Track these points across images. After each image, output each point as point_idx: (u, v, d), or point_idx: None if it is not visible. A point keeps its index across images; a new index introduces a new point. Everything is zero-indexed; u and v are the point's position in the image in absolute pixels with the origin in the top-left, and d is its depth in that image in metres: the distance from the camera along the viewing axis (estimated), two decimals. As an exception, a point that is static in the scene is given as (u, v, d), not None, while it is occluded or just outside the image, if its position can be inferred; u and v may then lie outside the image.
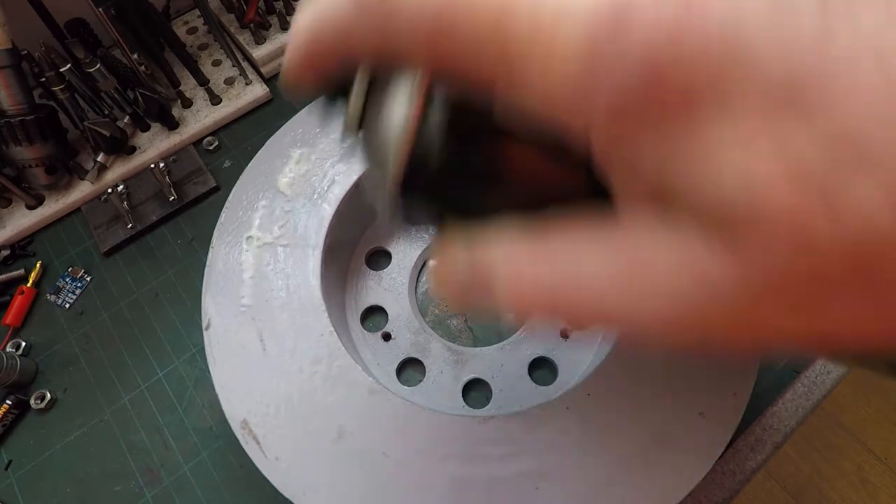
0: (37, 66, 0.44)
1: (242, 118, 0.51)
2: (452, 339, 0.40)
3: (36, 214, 0.47)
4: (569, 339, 0.39)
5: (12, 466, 0.38)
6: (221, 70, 0.53)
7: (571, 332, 0.39)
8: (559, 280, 0.12)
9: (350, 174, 0.39)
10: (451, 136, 0.14)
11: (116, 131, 0.46)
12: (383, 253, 0.43)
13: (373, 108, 0.14)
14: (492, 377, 0.38)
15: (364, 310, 0.41)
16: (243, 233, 0.37)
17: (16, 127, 0.42)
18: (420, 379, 0.38)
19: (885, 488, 1.03)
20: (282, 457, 0.30)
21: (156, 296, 0.44)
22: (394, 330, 0.40)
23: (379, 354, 0.39)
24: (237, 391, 0.32)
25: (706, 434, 0.30)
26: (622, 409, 0.31)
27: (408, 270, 0.42)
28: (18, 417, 0.39)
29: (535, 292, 0.13)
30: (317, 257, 0.36)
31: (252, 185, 0.39)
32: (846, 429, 1.08)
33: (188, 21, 0.56)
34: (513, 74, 0.11)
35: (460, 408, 0.37)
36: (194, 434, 0.38)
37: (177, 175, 0.47)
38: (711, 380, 0.31)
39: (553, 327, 0.38)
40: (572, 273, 0.12)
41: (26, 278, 0.44)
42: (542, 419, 0.31)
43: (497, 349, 0.39)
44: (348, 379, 0.32)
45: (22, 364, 0.40)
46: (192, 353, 0.41)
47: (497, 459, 0.30)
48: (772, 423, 0.37)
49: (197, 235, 0.46)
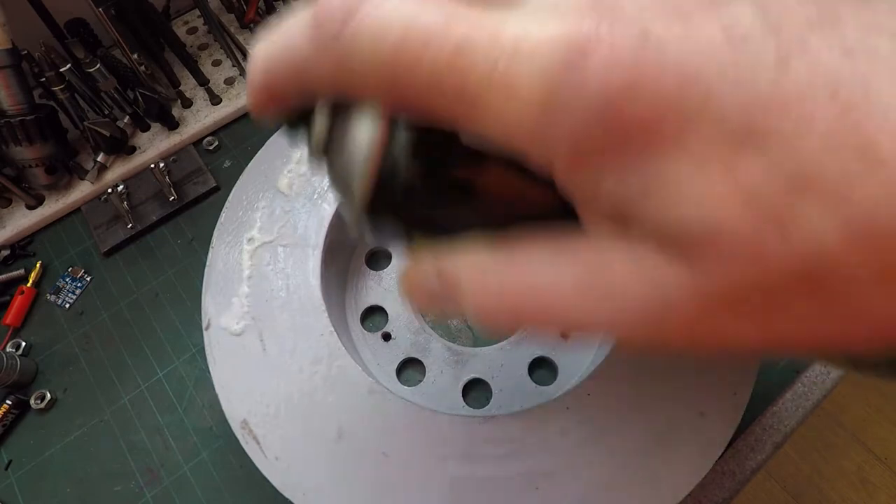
0: (37, 66, 0.44)
1: (242, 118, 0.51)
2: (452, 339, 0.40)
3: (36, 214, 0.47)
4: (569, 339, 0.39)
5: (12, 466, 0.38)
6: (221, 70, 0.53)
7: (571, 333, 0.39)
8: (523, 289, 0.13)
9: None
10: (416, 158, 0.14)
11: (116, 131, 0.46)
12: (383, 253, 0.43)
13: (337, 131, 0.14)
14: (492, 377, 0.38)
15: (364, 310, 0.41)
16: (243, 233, 0.37)
17: (16, 127, 0.42)
18: (420, 379, 0.38)
19: (885, 488, 1.03)
20: (282, 457, 0.30)
21: (156, 296, 0.44)
22: (394, 330, 0.40)
23: (379, 354, 0.39)
24: (237, 391, 0.32)
25: (706, 434, 0.30)
26: (622, 410, 0.31)
27: (408, 270, 0.42)
28: (18, 417, 0.39)
29: (499, 300, 0.13)
30: (317, 257, 0.36)
31: (252, 185, 0.39)
32: (846, 429, 1.08)
33: (188, 21, 0.56)
34: (472, 112, 0.12)
35: (460, 408, 0.37)
36: (194, 434, 0.38)
37: (177, 175, 0.47)
38: (711, 380, 0.31)
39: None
40: (535, 283, 0.13)
41: (26, 278, 0.44)
42: (542, 419, 0.31)
43: (497, 349, 0.39)
44: (348, 379, 0.32)
45: (22, 364, 0.40)
46: (192, 353, 0.41)
47: (497, 459, 0.30)
48: (772, 423, 0.37)
49: (197, 235, 0.46)
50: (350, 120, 0.14)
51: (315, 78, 0.13)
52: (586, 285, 0.12)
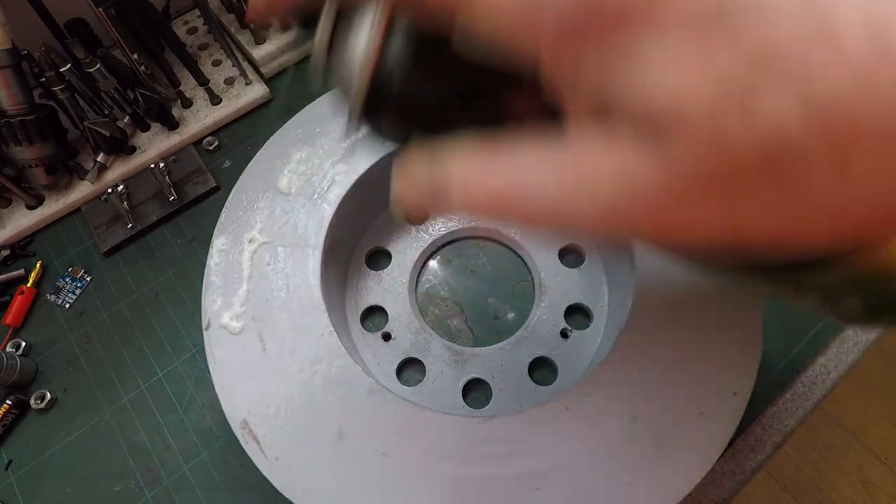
0: (37, 66, 0.44)
1: (242, 118, 0.51)
2: (452, 339, 0.40)
3: (36, 214, 0.47)
4: (569, 338, 0.39)
5: (12, 466, 0.38)
6: (221, 70, 0.53)
7: (571, 333, 0.39)
8: (508, 185, 0.14)
9: (350, 174, 0.39)
10: (412, 60, 0.15)
11: (116, 131, 0.46)
12: (383, 253, 0.43)
13: (340, 35, 0.15)
14: (492, 377, 0.38)
15: (364, 310, 0.41)
16: (243, 233, 0.37)
17: (16, 127, 0.42)
18: (420, 379, 0.38)
19: (885, 488, 1.03)
20: (282, 457, 0.30)
21: (156, 296, 0.44)
22: (394, 330, 0.40)
23: (379, 354, 0.39)
24: (237, 391, 0.32)
25: (706, 434, 0.30)
26: (622, 410, 0.31)
27: (408, 270, 0.42)
28: (18, 417, 0.39)
29: (486, 196, 0.14)
30: (317, 257, 0.36)
31: (252, 185, 0.39)
32: (846, 429, 1.08)
33: (188, 21, 0.56)
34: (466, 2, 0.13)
35: (460, 408, 0.37)
36: (194, 434, 0.38)
37: (177, 175, 0.47)
38: (711, 380, 0.31)
39: None
40: (521, 180, 0.14)
41: (26, 278, 0.44)
42: (542, 419, 0.31)
43: (497, 349, 0.39)
44: (348, 379, 0.32)
45: (22, 364, 0.40)
46: (192, 353, 0.41)
47: (497, 459, 0.30)
48: (772, 423, 0.37)
49: (197, 235, 0.46)
50: (352, 24, 0.15)
51: None
52: (569, 182, 0.13)
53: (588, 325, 0.40)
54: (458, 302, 0.42)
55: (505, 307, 0.42)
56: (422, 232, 0.44)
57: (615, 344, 0.33)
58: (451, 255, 0.44)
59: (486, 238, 0.44)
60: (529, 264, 0.43)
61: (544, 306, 0.40)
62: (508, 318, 0.41)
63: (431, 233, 0.44)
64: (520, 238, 0.43)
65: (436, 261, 0.44)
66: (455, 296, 0.42)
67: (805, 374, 0.38)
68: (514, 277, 0.43)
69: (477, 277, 0.43)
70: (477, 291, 0.42)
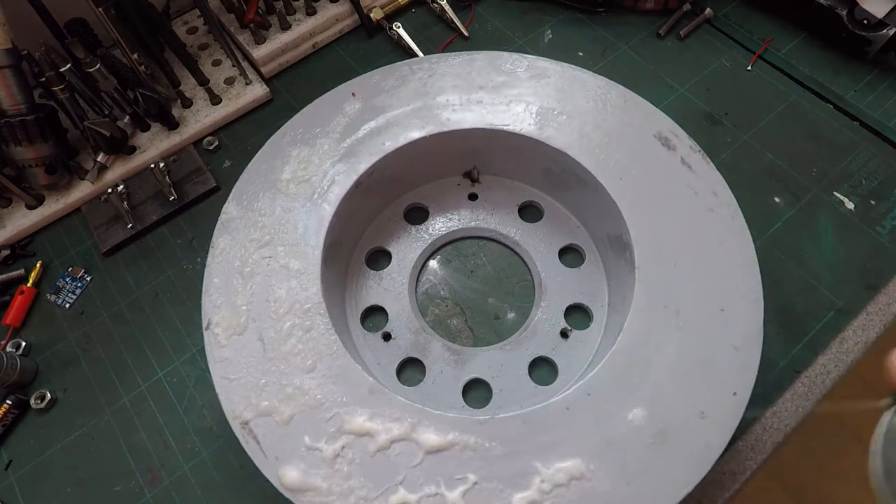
0: (37, 66, 0.44)
1: (242, 118, 0.51)
2: (452, 339, 0.40)
3: (36, 214, 0.47)
4: (569, 338, 0.39)
5: (12, 466, 0.38)
6: (221, 70, 0.53)
7: (571, 333, 0.39)
8: None
9: (350, 174, 0.39)
10: None
11: (116, 131, 0.46)
12: (383, 253, 0.43)
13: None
14: (492, 377, 0.38)
15: (364, 310, 0.41)
16: (244, 233, 0.37)
17: (16, 127, 0.42)
18: (420, 379, 0.38)
19: (885, 488, 1.03)
20: (282, 457, 0.30)
21: (156, 296, 0.44)
22: (394, 330, 0.40)
23: (379, 354, 0.39)
24: (237, 391, 0.32)
25: (706, 434, 0.30)
26: (622, 410, 0.31)
27: (408, 270, 0.42)
28: (18, 417, 0.39)
29: None
30: (317, 257, 0.36)
31: (252, 185, 0.39)
32: (846, 429, 1.08)
33: (188, 21, 0.56)
34: None
35: (460, 408, 0.37)
36: (194, 434, 0.38)
37: (177, 175, 0.47)
38: (711, 380, 0.31)
39: None
40: None
41: (26, 278, 0.44)
42: (542, 419, 0.31)
43: (497, 349, 0.39)
44: (348, 379, 0.32)
45: (22, 364, 0.40)
46: (192, 353, 0.41)
47: (497, 459, 0.30)
48: (772, 423, 0.37)
49: (197, 235, 0.46)
50: None
51: None
52: None
53: (588, 325, 0.40)
54: (458, 302, 0.42)
55: (505, 307, 0.41)
56: (422, 232, 0.44)
57: (615, 344, 0.33)
58: (451, 255, 0.44)
59: (486, 238, 0.44)
60: (529, 264, 0.43)
61: (544, 306, 0.40)
62: (508, 318, 0.41)
63: (431, 233, 0.44)
64: (520, 238, 0.43)
65: (436, 261, 0.44)
66: (455, 296, 0.42)
67: (805, 374, 0.38)
68: (514, 277, 0.43)
69: (477, 277, 0.43)
70: (477, 291, 0.42)
